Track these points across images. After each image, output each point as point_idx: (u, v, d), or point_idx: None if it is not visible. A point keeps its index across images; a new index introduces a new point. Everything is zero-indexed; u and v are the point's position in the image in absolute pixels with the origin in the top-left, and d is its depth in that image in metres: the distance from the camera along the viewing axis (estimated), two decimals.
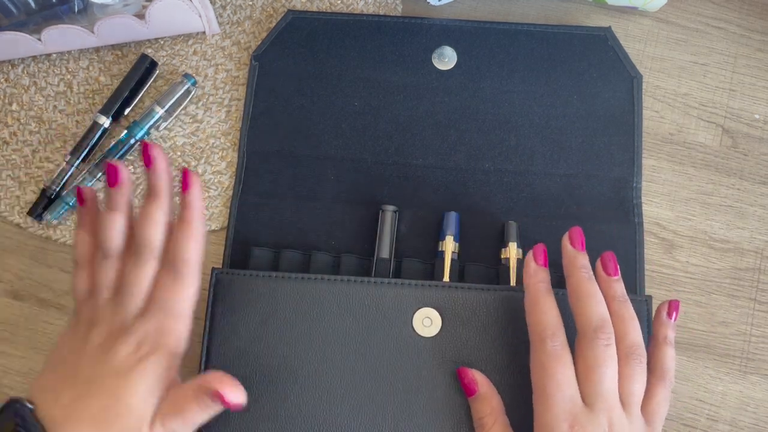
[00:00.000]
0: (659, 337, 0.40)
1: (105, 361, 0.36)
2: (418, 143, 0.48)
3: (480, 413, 0.39)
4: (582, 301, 0.38)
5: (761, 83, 0.50)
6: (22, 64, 0.51)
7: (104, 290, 0.39)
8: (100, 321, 0.38)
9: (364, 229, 0.46)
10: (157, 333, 0.37)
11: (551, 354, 0.37)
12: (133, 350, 0.36)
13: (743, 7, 0.52)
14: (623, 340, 0.38)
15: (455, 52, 0.50)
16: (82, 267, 0.40)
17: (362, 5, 0.52)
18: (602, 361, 0.36)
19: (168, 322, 0.37)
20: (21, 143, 0.50)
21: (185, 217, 0.39)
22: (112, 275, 0.39)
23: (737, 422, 0.44)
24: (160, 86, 0.51)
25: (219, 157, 0.49)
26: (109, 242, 0.39)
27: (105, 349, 0.37)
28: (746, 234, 0.47)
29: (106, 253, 0.39)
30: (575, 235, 0.40)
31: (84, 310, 0.39)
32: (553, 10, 0.52)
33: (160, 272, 0.38)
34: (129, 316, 0.37)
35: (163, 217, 0.39)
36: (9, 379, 0.46)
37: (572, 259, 0.39)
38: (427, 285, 0.42)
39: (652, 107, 0.50)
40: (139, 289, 0.38)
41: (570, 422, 0.36)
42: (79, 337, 0.38)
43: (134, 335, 0.37)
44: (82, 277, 0.40)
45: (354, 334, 0.41)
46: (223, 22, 0.52)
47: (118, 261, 0.39)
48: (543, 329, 0.38)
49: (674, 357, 0.40)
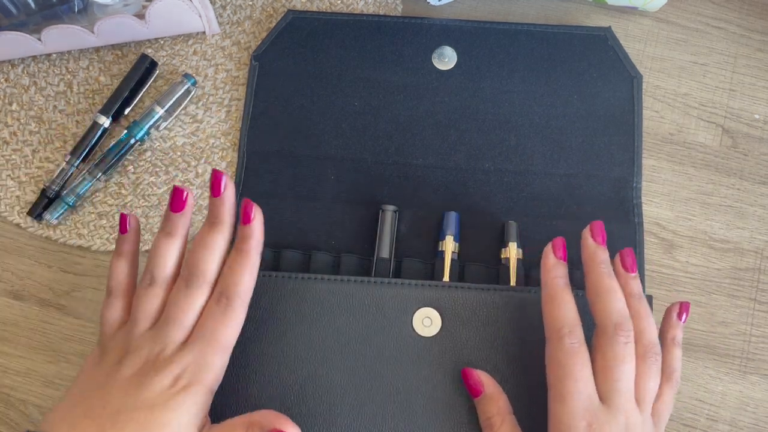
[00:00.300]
0: (667, 338, 0.40)
1: (137, 393, 0.34)
2: (418, 143, 0.48)
3: (487, 413, 0.39)
4: (602, 297, 0.38)
5: (761, 83, 0.50)
6: (22, 64, 0.51)
7: (144, 320, 0.37)
8: (134, 351, 0.36)
9: (364, 229, 0.46)
10: (197, 366, 0.35)
11: (569, 351, 0.36)
12: (170, 383, 0.35)
13: (743, 7, 0.52)
14: (641, 339, 0.37)
15: (455, 52, 0.50)
16: (117, 296, 0.39)
17: (362, 5, 0.52)
18: (622, 359, 0.36)
19: (209, 355, 0.36)
20: (21, 143, 0.50)
21: (243, 249, 0.38)
22: (157, 304, 0.37)
23: (737, 422, 0.44)
24: (160, 86, 0.51)
25: (219, 157, 0.49)
26: (161, 269, 0.38)
27: (138, 380, 0.35)
28: (746, 234, 0.47)
29: (154, 281, 0.38)
30: (597, 229, 0.39)
31: (115, 340, 0.37)
32: (553, 10, 0.52)
33: (209, 302, 0.37)
34: (170, 346, 0.36)
35: (224, 246, 0.38)
36: (9, 379, 0.46)
37: (593, 254, 0.39)
38: (427, 285, 0.42)
39: (652, 107, 0.50)
40: (186, 318, 0.36)
41: (588, 420, 0.35)
42: (106, 368, 0.36)
43: (173, 367, 0.35)
44: (116, 307, 0.39)
45: (354, 333, 0.41)
46: (223, 22, 0.52)
47: (165, 289, 0.38)
48: (561, 326, 0.37)
49: (681, 358, 0.40)
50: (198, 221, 0.48)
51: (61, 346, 0.46)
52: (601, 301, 0.37)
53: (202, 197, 0.48)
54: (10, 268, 0.48)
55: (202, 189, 0.48)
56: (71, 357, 0.46)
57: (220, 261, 0.38)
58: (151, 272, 0.38)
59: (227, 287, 0.37)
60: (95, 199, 0.48)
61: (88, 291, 0.47)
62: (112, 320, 0.38)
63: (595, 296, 0.38)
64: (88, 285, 0.47)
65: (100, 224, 0.48)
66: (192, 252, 0.38)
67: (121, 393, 0.34)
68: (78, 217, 0.48)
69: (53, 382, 0.45)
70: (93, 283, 0.47)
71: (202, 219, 0.48)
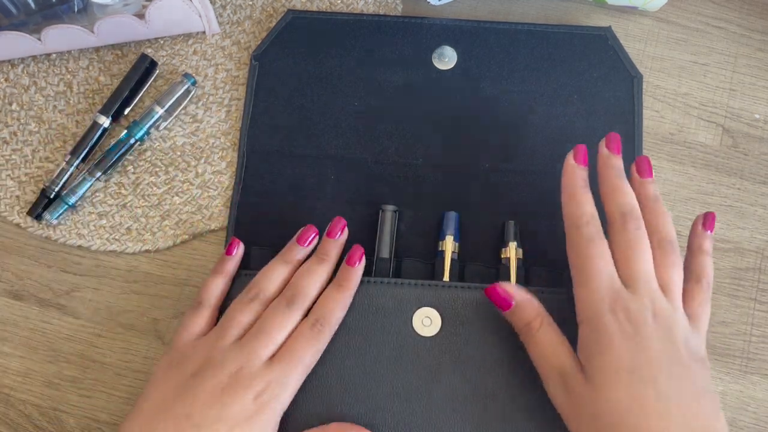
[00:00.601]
0: (694, 246, 0.40)
1: (220, 407, 0.35)
2: (418, 143, 0.48)
3: (524, 320, 0.38)
4: (612, 193, 0.39)
5: (761, 83, 0.50)
6: (22, 64, 0.51)
7: (235, 331, 0.38)
8: (219, 362, 0.37)
9: (364, 229, 0.46)
10: (278, 384, 0.37)
11: (587, 236, 0.37)
12: (253, 397, 0.36)
13: (743, 7, 0.52)
14: (656, 233, 0.37)
15: (455, 52, 0.50)
16: (206, 308, 0.41)
17: (362, 5, 0.52)
18: (635, 243, 0.36)
19: (292, 375, 0.37)
20: (21, 143, 0.50)
21: (343, 285, 0.41)
22: (251, 318, 0.39)
23: (737, 422, 0.44)
24: (160, 86, 0.51)
25: (219, 157, 0.49)
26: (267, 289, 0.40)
27: (221, 394, 0.36)
28: (746, 234, 0.47)
29: (257, 297, 0.40)
30: (612, 138, 0.40)
31: (196, 349, 0.38)
32: (553, 10, 0.52)
33: (301, 324, 0.39)
34: (256, 361, 0.37)
35: (325, 278, 0.41)
36: (9, 379, 0.46)
37: (606, 160, 0.40)
38: (427, 285, 0.42)
39: (652, 107, 0.50)
40: (278, 335, 0.38)
41: (611, 298, 0.35)
42: (185, 377, 0.37)
43: (257, 383, 0.36)
44: (202, 317, 0.40)
45: (353, 333, 0.41)
46: (223, 22, 0.52)
47: (263, 306, 0.40)
48: (579, 217, 0.38)
49: (711, 266, 0.39)
50: (198, 221, 0.48)
51: (61, 346, 0.46)
52: (611, 196, 0.38)
53: (202, 197, 0.48)
54: (9, 268, 0.48)
55: (201, 189, 0.48)
56: (71, 357, 0.46)
57: (319, 290, 0.41)
58: (257, 289, 0.40)
59: (323, 314, 0.39)
60: (95, 199, 0.48)
61: (88, 291, 0.47)
62: (193, 329, 0.40)
63: (606, 194, 0.39)
64: (87, 285, 0.47)
65: (100, 224, 0.48)
66: (297, 277, 0.41)
67: (204, 405, 0.35)
68: (78, 217, 0.48)
69: (53, 382, 0.45)
70: (93, 283, 0.47)
71: (201, 218, 0.48)
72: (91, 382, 0.45)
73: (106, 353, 0.46)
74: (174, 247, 0.48)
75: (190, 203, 0.48)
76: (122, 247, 0.47)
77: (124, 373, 0.45)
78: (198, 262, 0.47)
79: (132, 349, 0.46)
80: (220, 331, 0.39)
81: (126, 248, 0.47)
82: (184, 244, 0.48)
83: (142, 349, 0.46)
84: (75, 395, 0.45)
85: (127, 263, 0.47)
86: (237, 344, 0.38)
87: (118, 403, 0.45)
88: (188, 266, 0.47)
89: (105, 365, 0.46)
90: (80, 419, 0.45)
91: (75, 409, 0.45)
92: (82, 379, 0.45)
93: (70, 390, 0.45)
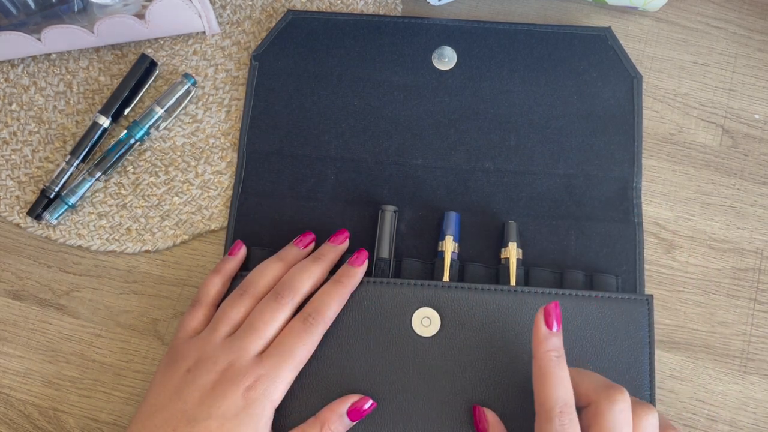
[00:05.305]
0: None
1: (211, 403, 0.36)
2: (418, 143, 0.48)
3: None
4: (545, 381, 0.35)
5: (761, 83, 0.50)
6: (22, 64, 0.51)
7: (225, 326, 0.39)
8: (209, 358, 0.37)
9: (364, 229, 0.46)
10: (269, 379, 0.37)
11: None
12: (243, 392, 0.36)
13: (743, 7, 0.52)
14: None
15: (455, 52, 0.50)
16: (202, 306, 0.41)
17: (362, 5, 0.52)
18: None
19: (283, 370, 0.37)
20: (21, 143, 0.50)
21: (341, 280, 0.41)
22: (242, 313, 0.39)
23: (737, 422, 0.44)
24: (160, 86, 0.51)
25: (219, 157, 0.49)
26: (257, 284, 0.40)
27: (212, 389, 0.36)
28: (746, 234, 0.47)
29: (246, 292, 0.40)
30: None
31: (189, 345, 0.39)
32: (553, 10, 0.52)
33: (293, 319, 0.39)
34: (245, 356, 0.37)
35: (320, 276, 0.41)
36: (9, 379, 0.46)
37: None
38: (427, 285, 0.42)
39: (652, 107, 0.50)
40: (267, 329, 0.38)
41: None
42: (180, 374, 0.37)
43: (246, 377, 0.36)
44: (198, 314, 0.41)
45: (353, 333, 0.41)
46: (223, 22, 0.52)
47: (253, 302, 0.40)
48: (552, 405, 0.34)
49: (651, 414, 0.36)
50: (198, 221, 0.48)
51: (61, 346, 0.46)
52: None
53: (202, 197, 0.48)
54: (9, 268, 0.48)
55: (201, 189, 0.48)
56: (71, 357, 0.46)
57: (312, 286, 0.41)
58: (246, 284, 0.40)
59: (317, 309, 0.39)
60: (95, 199, 0.48)
61: (88, 291, 0.47)
62: (189, 327, 0.40)
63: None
64: (87, 285, 0.47)
65: (99, 224, 0.48)
66: (289, 273, 0.41)
67: (197, 401, 0.36)
68: (78, 217, 0.48)
69: (53, 382, 0.45)
70: (93, 283, 0.47)
71: (201, 219, 0.48)
72: (90, 382, 0.45)
73: (106, 353, 0.46)
74: (174, 248, 0.48)
75: (189, 203, 0.48)
76: (122, 247, 0.47)
77: (124, 373, 0.45)
78: (198, 263, 0.47)
79: (132, 349, 0.46)
80: (212, 327, 0.39)
81: (126, 248, 0.47)
82: (184, 244, 0.48)
83: (141, 349, 0.46)
84: (75, 395, 0.45)
85: (127, 263, 0.47)
86: (228, 340, 0.38)
87: (117, 403, 0.45)
88: (188, 266, 0.47)
89: (105, 365, 0.46)
90: (80, 419, 0.45)
91: (75, 409, 0.45)
92: (82, 379, 0.45)
93: (69, 390, 0.45)
